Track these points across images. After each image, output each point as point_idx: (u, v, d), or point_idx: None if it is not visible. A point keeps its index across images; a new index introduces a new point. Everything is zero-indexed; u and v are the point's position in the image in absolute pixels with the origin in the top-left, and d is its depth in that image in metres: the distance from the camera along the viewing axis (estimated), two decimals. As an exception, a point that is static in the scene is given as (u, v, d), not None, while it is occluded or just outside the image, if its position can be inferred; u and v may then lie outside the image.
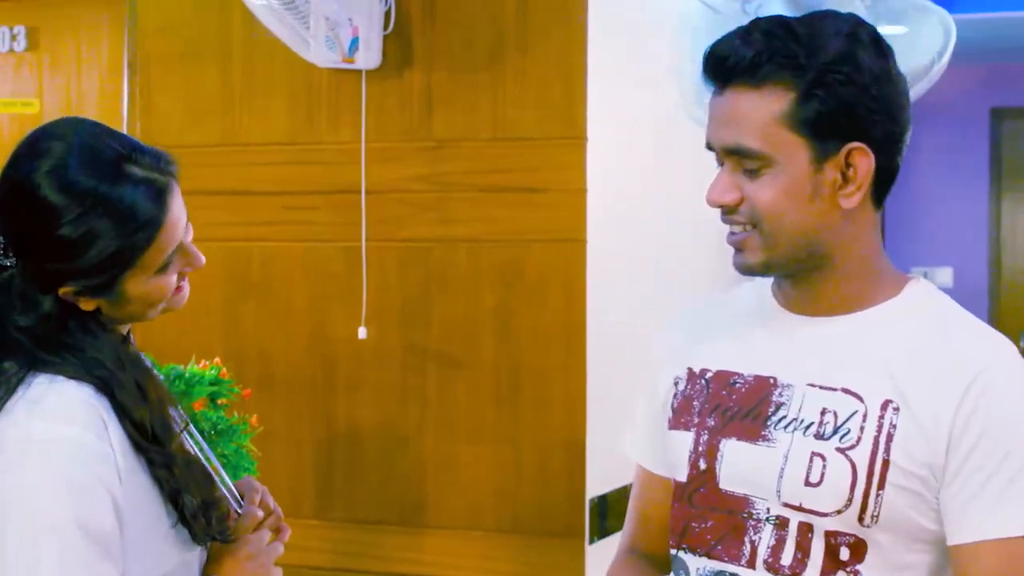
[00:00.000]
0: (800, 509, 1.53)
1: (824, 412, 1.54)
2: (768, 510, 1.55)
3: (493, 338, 2.92)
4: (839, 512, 1.51)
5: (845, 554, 1.51)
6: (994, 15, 5.66)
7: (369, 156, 2.98)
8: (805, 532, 1.53)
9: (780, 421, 1.56)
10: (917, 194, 6.80)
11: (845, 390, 1.54)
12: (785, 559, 1.53)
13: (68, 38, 4.21)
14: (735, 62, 1.52)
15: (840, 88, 1.50)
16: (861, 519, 1.50)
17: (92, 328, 1.60)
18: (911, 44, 2.91)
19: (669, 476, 1.70)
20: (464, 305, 2.94)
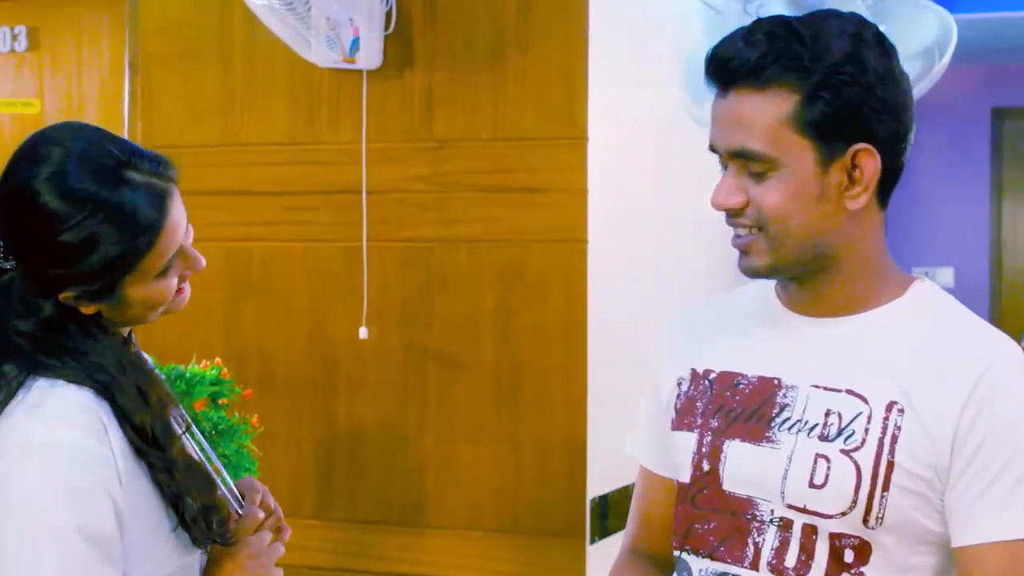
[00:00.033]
0: (804, 511, 1.52)
1: (828, 413, 1.53)
2: (772, 512, 1.54)
3: (494, 338, 2.92)
4: (843, 514, 1.50)
5: (849, 556, 1.50)
6: (995, 15, 5.65)
7: (370, 156, 2.98)
8: (809, 534, 1.52)
9: (784, 422, 1.55)
10: (918, 194, 6.80)
11: (849, 391, 1.53)
12: (789, 561, 1.53)
13: (69, 38, 4.21)
14: (739, 64, 1.51)
15: (845, 89, 1.49)
16: (866, 521, 1.49)
17: (93, 332, 1.60)
18: (912, 44, 2.90)
19: (672, 477, 1.69)
20: (465, 305, 2.94)
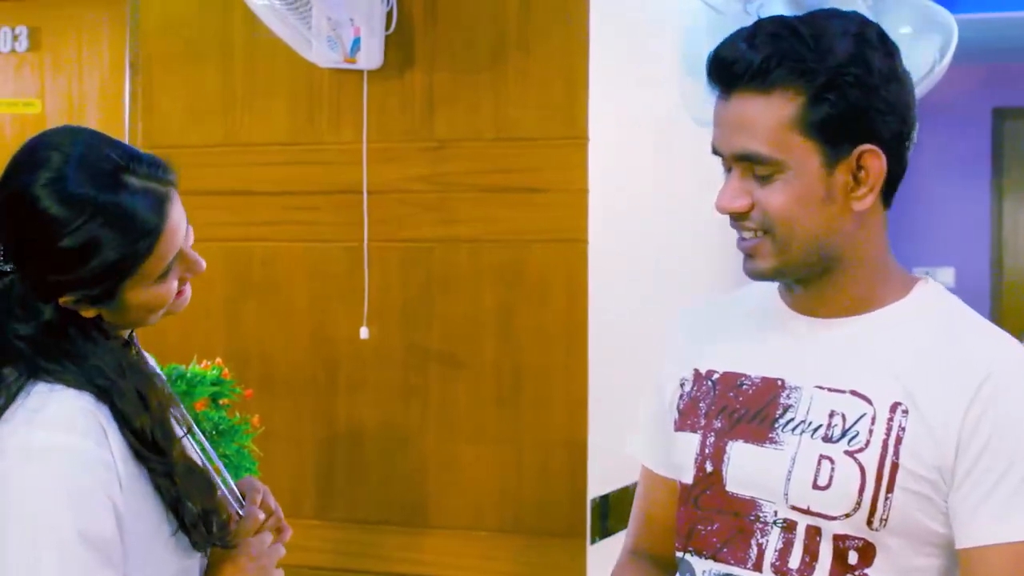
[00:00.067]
0: (808, 512, 1.51)
1: (832, 414, 1.52)
2: (775, 513, 1.54)
3: (494, 338, 2.92)
4: (847, 516, 1.49)
5: (853, 558, 1.50)
6: (996, 15, 5.65)
7: (371, 156, 2.98)
8: (813, 535, 1.51)
9: (788, 423, 1.55)
10: (919, 194, 6.79)
11: (854, 392, 1.52)
12: (793, 562, 1.52)
13: (70, 38, 4.21)
14: (743, 68, 1.50)
15: (851, 91, 1.48)
16: (870, 523, 1.49)
17: (93, 335, 1.60)
18: (913, 44, 2.91)
19: (674, 477, 1.69)
20: (465, 305, 2.94)
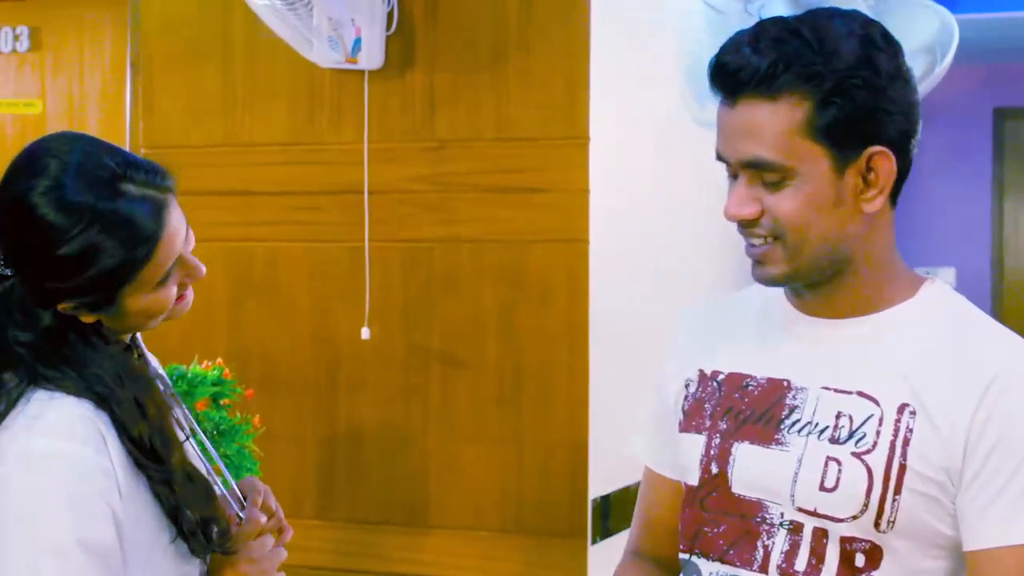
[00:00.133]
0: (814, 514, 1.51)
1: (839, 416, 1.52)
2: (782, 515, 1.53)
3: (495, 338, 2.92)
4: (855, 518, 1.48)
5: (860, 560, 1.49)
6: (997, 15, 5.65)
7: (372, 156, 2.98)
8: (820, 537, 1.50)
9: (794, 424, 1.54)
10: (920, 194, 6.78)
11: (860, 393, 1.52)
12: (799, 565, 1.51)
13: (71, 38, 4.21)
14: (749, 74, 1.48)
15: (858, 93, 1.47)
16: (877, 525, 1.48)
17: (93, 341, 1.60)
18: (914, 44, 2.90)
19: (678, 479, 1.68)
20: (467, 305, 2.94)
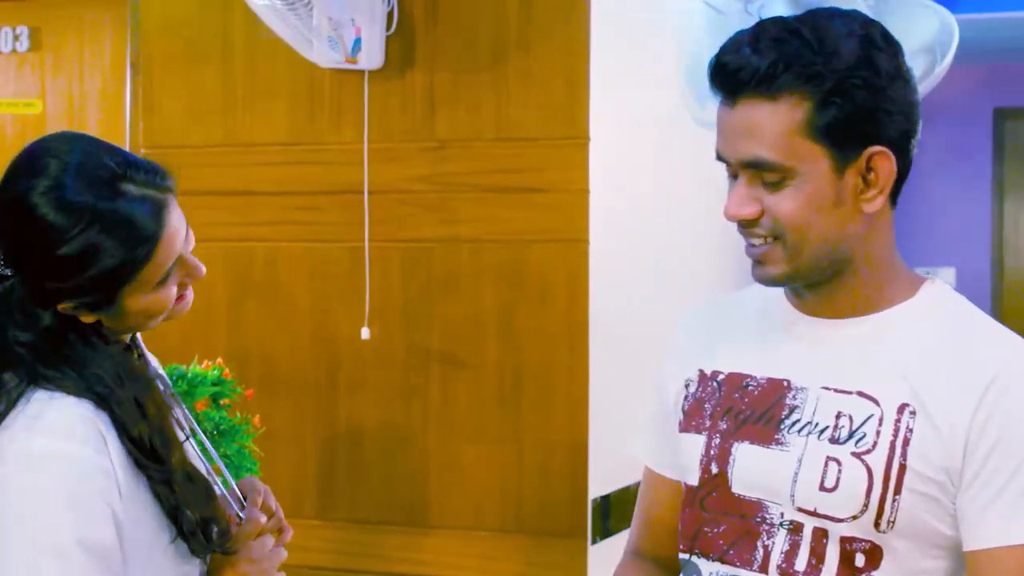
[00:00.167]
0: (815, 514, 1.51)
1: (839, 416, 1.52)
2: (782, 515, 1.53)
3: (496, 338, 2.92)
4: (855, 518, 1.48)
5: (860, 560, 1.49)
6: (997, 15, 5.65)
7: (372, 156, 2.98)
8: (820, 538, 1.50)
9: (794, 425, 1.54)
10: (919, 194, 6.79)
11: (860, 393, 1.52)
12: (799, 565, 1.51)
13: (71, 38, 4.21)
14: (749, 74, 1.48)
15: (858, 93, 1.47)
16: (877, 525, 1.48)
17: (93, 341, 1.60)
18: (914, 44, 2.90)
19: (678, 479, 1.68)
20: (467, 305, 2.94)
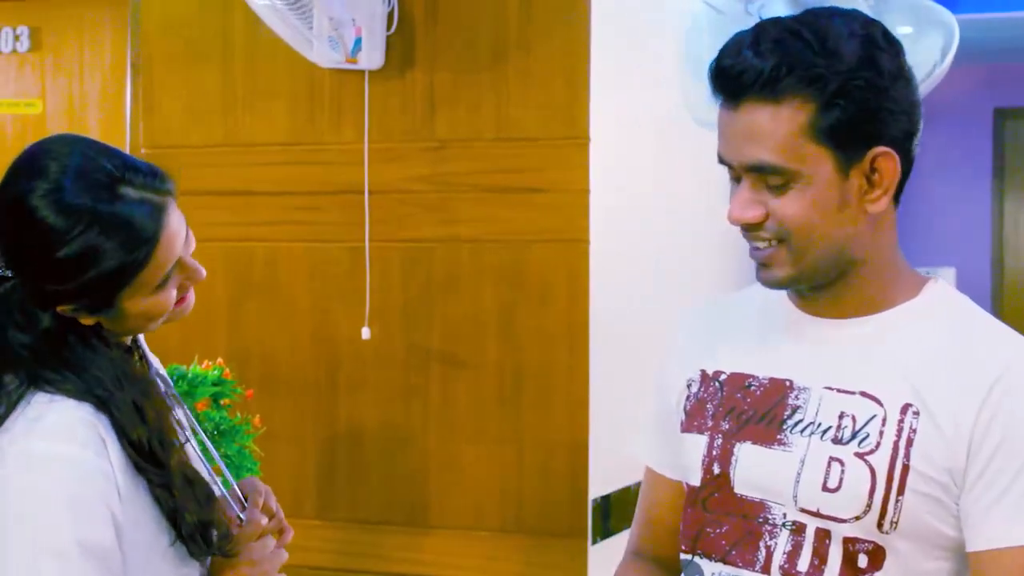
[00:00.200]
0: (817, 515, 1.50)
1: (842, 416, 1.51)
2: (784, 515, 1.53)
3: (496, 338, 2.92)
4: (857, 518, 1.48)
5: (863, 561, 1.49)
6: (998, 15, 5.65)
7: (372, 156, 2.98)
8: (822, 538, 1.50)
9: (796, 425, 1.54)
10: (920, 194, 6.78)
11: (863, 394, 1.51)
12: (802, 565, 1.51)
13: (71, 38, 4.21)
14: (751, 78, 1.46)
15: (862, 94, 1.46)
16: (880, 525, 1.47)
17: (92, 343, 1.60)
18: (914, 44, 2.90)
19: (679, 479, 1.68)
20: (467, 305, 2.94)
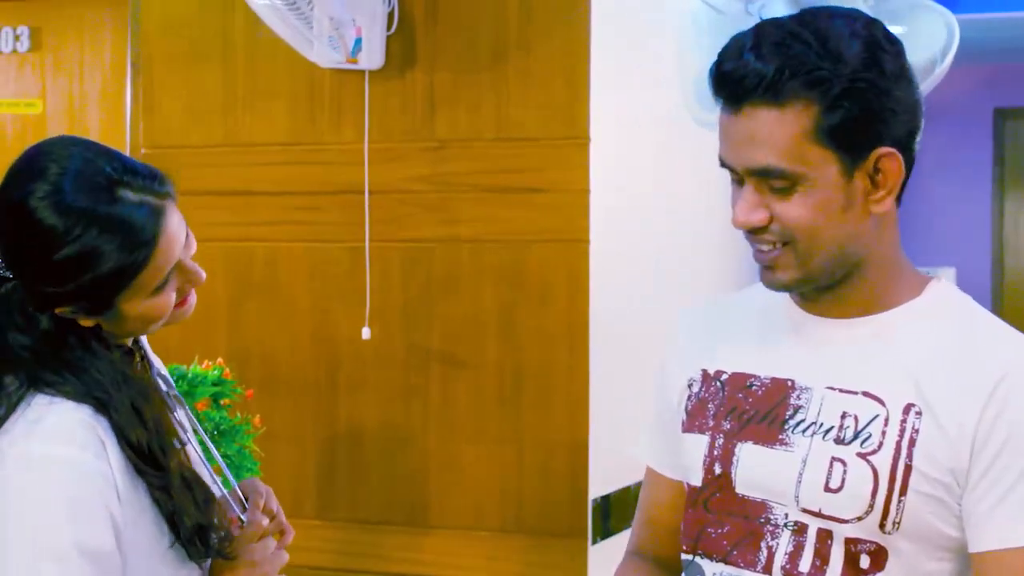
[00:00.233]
0: (819, 515, 1.50)
1: (844, 416, 1.51)
2: (786, 516, 1.52)
3: (496, 338, 2.92)
4: (860, 519, 1.48)
5: (865, 562, 1.48)
6: (998, 15, 5.65)
7: (372, 156, 2.98)
8: (824, 539, 1.50)
9: (798, 425, 1.53)
10: (920, 194, 6.78)
11: (866, 393, 1.51)
12: (803, 566, 1.50)
13: (71, 38, 4.21)
14: (754, 82, 1.45)
15: (865, 95, 1.45)
16: (882, 526, 1.47)
17: (92, 345, 1.60)
18: (914, 44, 2.90)
19: (680, 479, 1.68)
20: (467, 305, 2.94)
